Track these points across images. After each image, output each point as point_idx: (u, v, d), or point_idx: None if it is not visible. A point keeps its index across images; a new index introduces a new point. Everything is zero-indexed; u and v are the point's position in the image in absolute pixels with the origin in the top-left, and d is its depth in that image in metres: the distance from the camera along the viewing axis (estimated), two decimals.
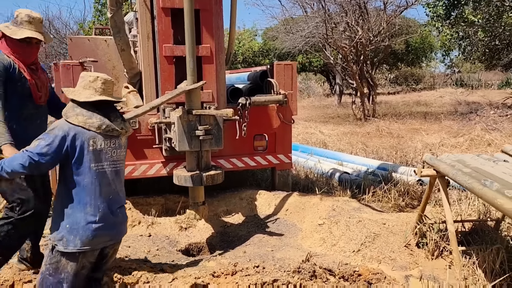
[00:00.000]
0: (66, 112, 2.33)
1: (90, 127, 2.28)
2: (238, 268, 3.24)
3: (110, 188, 2.38)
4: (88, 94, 2.34)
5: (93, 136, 2.29)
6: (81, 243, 2.27)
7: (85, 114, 2.29)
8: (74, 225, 2.27)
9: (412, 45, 24.15)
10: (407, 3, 13.47)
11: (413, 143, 9.17)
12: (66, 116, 2.31)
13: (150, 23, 4.31)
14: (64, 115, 2.32)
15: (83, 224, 2.27)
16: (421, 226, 3.78)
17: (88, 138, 2.27)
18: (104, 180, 2.34)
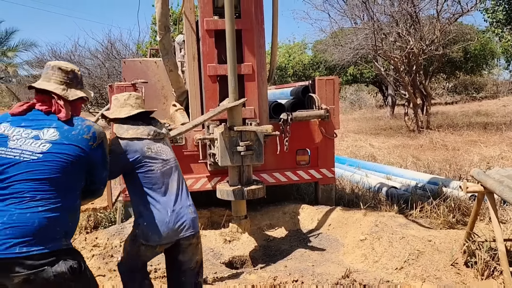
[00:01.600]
0: (117, 131, 2.58)
1: (142, 136, 2.53)
2: (277, 282, 3.30)
3: (173, 185, 2.58)
4: (127, 110, 2.62)
5: (147, 143, 2.53)
6: (158, 238, 2.46)
7: (133, 127, 2.56)
8: (151, 222, 2.47)
9: (471, 52, 23.00)
10: (462, 10, 12.91)
11: (470, 156, 8.74)
12: (119, 133, 2.56)
13: (196, 45, 4.54)
14: (117, 133, 2.57)
15: (158, 220, 2.46)
16: (469, 244, 3.63)
17: (143, 145, 2.51)
18: (166, 178, 2.55)
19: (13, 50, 26.77)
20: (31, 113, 2.01)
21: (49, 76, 2.09)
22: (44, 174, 1.88)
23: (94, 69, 19.48)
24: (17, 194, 1.85)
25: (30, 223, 1.83)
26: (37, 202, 1.87)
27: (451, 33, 14.70)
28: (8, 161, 1.87)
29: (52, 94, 2.05)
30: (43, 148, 1.91)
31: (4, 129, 1.94)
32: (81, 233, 4.69)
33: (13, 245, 1.79)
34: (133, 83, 4.56)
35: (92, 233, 4.73)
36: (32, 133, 1.94)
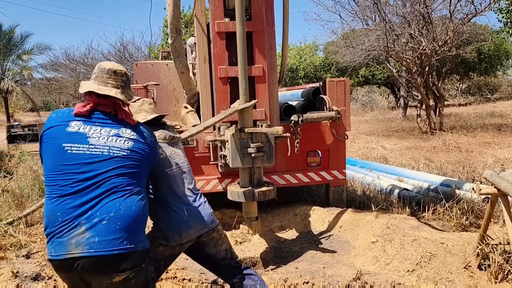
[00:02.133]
0: None
1: (159, 140, 2.58)
2: (288, 283, 3.30)
3: (187, 186, 2.65)
4: (143, 116, 2.68)
5: (160, 147, 2.58)
6: (179, 237, 2.52)
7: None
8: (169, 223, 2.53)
9: (485, 53, 22.68)
10: (475, 10, 12.74)
11: (483, 158, 8.62)
12: None
13: (207, 47, 4.57)
14: None
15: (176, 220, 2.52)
16: (483, 247, 3.58)
17: (164, 149, 2.59)
18: (180, 181, 2.62)
19: (28, 54, 27.24)
20: (98, 114, 2.06)
21: (105, 80, 2.14)
22: (134, 168, 2.00)
23: None
24: (117, 188, 1.92)
25: (136, 216, 1.92)
26: (136, 196, 1.97)
27: (465, 34, 14.53)
28: (96, 156, 1.92)
29: (115, 99, 2.12)
30: (128, 145, 2.01)
31: (79, 127, 1.98)
32: None
33: (123, 240, 1.85)
34: (145, 85, 4.61)
35: None
36: (111, 131, 2.02)
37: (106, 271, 1.83)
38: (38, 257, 3.88)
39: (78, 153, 1.91)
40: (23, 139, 13.05)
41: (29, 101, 29.91)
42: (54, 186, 1.89)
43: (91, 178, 1.88)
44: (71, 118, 2.00)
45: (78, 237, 1.80)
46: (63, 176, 1.88)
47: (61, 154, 1.90)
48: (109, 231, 1.82)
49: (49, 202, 1.89)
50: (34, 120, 25.73)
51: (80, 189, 1.86)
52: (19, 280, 3.29)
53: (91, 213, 1.83)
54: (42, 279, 3.38)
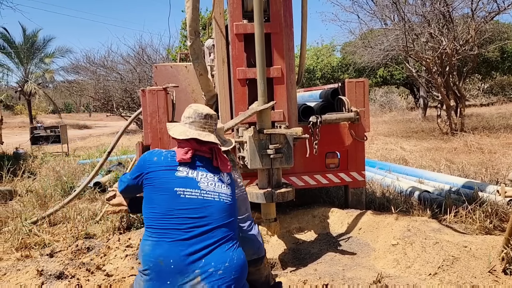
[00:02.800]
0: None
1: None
2: (307, 285, 3.29)
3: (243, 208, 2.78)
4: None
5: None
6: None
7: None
8: None
9: (509, 51, 22.15)
10: (498, 8, 12.46)
11: (507, 159, 8.42)
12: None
13: (225, 49, 4.59)
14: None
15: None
16: (508, 250, 3.49)
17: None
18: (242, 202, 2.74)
19: (50, 57, 27.89)
20: (198, 159, 2.14)
21: (203, 125, 2.22)
22: (235, 216, 2.11)
23: (125, 74, 20.01)
24: (228, 237, 1.97)
25: (245, 265, 1.98)
26: (238, 248, 2.02)
27: (487, 32, 14.24)
28: (208, 202, 2.00)
29: (213, 145, 2.22)
30: (229, 191, 2.12)
31: (188, 172, 2.06)
32: (114, 234, 4.82)
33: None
34: (164, 87, 4.66)
35: (125, 233, 4.85)
36: (215, 177, 2.11)
37: None
38: (61, 256, 3.97)
39: (192, 197, 1.95)
40: (46, 141, 13.36)
41: (51, 103, 30.62)
42: (164, 229, 1.90)
43: (205, 225, 1.92)
44: (176, 163, 2.08)
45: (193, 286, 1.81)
46: (177, 220, 1.90)
47: (175, 198, 1.94)
48: (225, 281, 1.84)
49: (155, 243, 1.88)
50: (56, 122, 26.30)
51: (195, 235, 1.88)
52: (43, 278, 3.36)
53: (206, 263, 1.84)
54: (66, 277, 3.45)
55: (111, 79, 20.58)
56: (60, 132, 13.46)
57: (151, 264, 1.84)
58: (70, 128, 20.31)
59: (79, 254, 4.11)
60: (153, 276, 1.82)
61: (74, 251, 4.11)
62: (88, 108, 41.43)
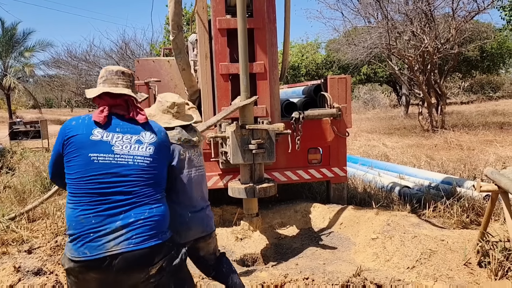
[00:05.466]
0: None
1: (172, 141, 2.57)
2: (288, 279, 3.32)
3: (199, 189, 2.71)
4: (167, 119, 2.69)
5: (181, 148, 2.62)
6: (179, 238, 2.54)
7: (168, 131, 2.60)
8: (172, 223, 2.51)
9: (488, 51, 22.64)
10: (478, 8, 12.70)
11: (485, 156, 8.60)
12: None
13: (208, 44, 4.58)
14: None
15: (180, 222, 2.57)
16: (483, 244, 3.59)
17: (178, 150, 2.60)
18: (195, 183, 2.66)
19: (30, 51, 27.25)
20: (115, 119, 2.10)
21: (115, 81, 2.17)
22: (157, 175, 2.09)
23: None
24: (145, 197, 2.01)
25: (164, 216, 2.06)
26: (162, 201, 2.10)
27: (467, 32, 14.50)
28: (121, 166, 1.99)
29: (126, 98, 2.16)
30: (149, 151, 2.08)
31: (102, 135, 2.02)
32: None
33: (155, 236, 1.98)
34: (146, 81, 4.62)
35: None
36: (133, 137, 2.07)
37: (142, 266, 1.94)
38: (40, 252, 3.91)
39: (105, 162, 1.96)
40: (25, 136, 13.09)
41: (31, 98, 29.96)
42: (82, 193, 1.94)
43: (120, 189, 1.96)
44: (93, 126, 2.03)
45: (115, 235, 1.88)
46: (91, 184, 1.94)
47: (89, 164, 1.95)
48: (144, 230, 1.94)
49: (76, 207, 1.94)
50: (36, 117, 25.76)
51: (112, 201, 1.94)
52: (20, 275, 3.31)
53: (125, 216, 1.93)
54: (44, 273, 3.40)
55: (94, 74, 20.28)
56: (40, 128, 13.20)
57: (74, 223, 1.92)
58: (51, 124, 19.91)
59: (59, 250, 4.05)
60: (77, 235, 1.90)
61: (53, 247, 4.05)
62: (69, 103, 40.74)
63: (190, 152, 2.67)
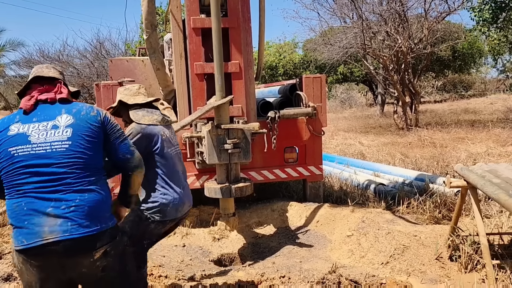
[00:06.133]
0: (134, 117, 2.78)
1: (157, 122, 2.76)
2: (265, 278, 3.33)
3: (181, 164, 2.89)
4: (142, 98, 2.85)
5: (161, 128, 2.76)
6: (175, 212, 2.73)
7: (147, 114, 2.78)
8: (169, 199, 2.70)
9: (459, 51, 23.21)
10: (449, 8, 13.04)
11: (457, 153, 8.84)
12: (136, 119, 2.76)
13: (183, 43, 4.55)
14: (134, 119, 2.77)
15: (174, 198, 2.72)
16: (454, 238, 3.69)
17: (159, 130, 2.74)
18: (177, 160, 2.82)
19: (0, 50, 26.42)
20: (40, 108, 2.08)
21: (44, 70, 2.19)
22: (82, 158, 2.00)
23: (83, 68, 19.32)
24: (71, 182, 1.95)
25: (99, 199, 2.00)
26: (93, 183, 2.01)
27: (439, 32, 14.83)
28: (41, 155, 1.94)
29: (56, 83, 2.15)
30: (67, 134, 2.00)
31: (18, 129, 2.00)
32: None
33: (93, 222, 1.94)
34: (120, 81, 4.56)
35: None
36: (49, 124, 2.02)
37: (85, 251, 1.92)
38: (10, 258, 3.80)
39: (24, 153, 1.94)
40: None
41: (1, 99, 29.06)
42: (12, 185, 1.94)
43: (44, 175, 1.93)
44: (11, 122, 2.03)
45: (49, 224, 1.86)
46: (17, 176, 1.93)
47: (11, 158, 1.95)
48: (78, 216, 1.91)
49: (10, 198, 1.95)
50: None
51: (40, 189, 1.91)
52: None
53: (56, 204, 1.90)
54: (14, 279, 3.31)
55: (67, 74, 19.78)
56: None
57: (10, 213, 1.93)
58: None
59: None
60: (15, 224, 1.92)
61: None
62: None
63: (169, 132, 2.83)
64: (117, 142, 2.18)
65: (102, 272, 1.98)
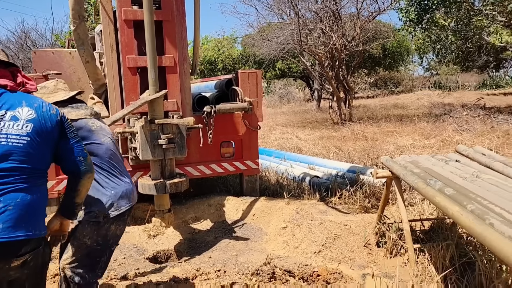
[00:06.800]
0: None
1: (86, 116, 2.61)
2: (199, 273, 3.33)
3: (118, 154, 2.75)
4: (63, 94, 2.69)
5: (91, 120, 2.62)
6: (128, 200, 2.58)
7: (73, 109, 2.61)
8: (118, 190, 2.55)
9: (389, 49, 24.60)
10: (379, 8, 13.76)
11: (386, 145, 9.36)
12: None
13: (114, 35, 4.37)
14: None
15: (124, 186, 2.58)
16: (380, 226, 3.92)
17: (87, 122, 2.59)
18: (115, 150, 2.69)
19: None
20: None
21: None
22: (35, 158, 1.86)
23: None
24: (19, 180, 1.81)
25: (37, 204, 1.86)
26: (37, 185, 1.88)
27: (370, 31, 15.60)
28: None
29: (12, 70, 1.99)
30: (27, 129, 1.85)
31: None
32: None
33: (25, 226, 1.80)
34: (44, 74, 4.29)
35: None
36: (7, 114, 1.84)
37: (5, 257, 1.78)
38: None
39: None
40: None
41: None
42: None
43: None
44: None
45: None
46: None
47: None
48: (11, 219, 1.77)
49: None
50: None
51: None
52: None
53: None
54: None
55: None
56: None
57: None
58: None
59: None
60: None
61: None
62: None
63: (99, 122, 2.70)
64: (72, 142, 2.03)
65: (9, 285, 1.84)
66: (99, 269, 2.52)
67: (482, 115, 12.77)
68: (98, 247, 2.48)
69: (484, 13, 12.63)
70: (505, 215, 1.96)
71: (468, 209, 2.16)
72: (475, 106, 14.82)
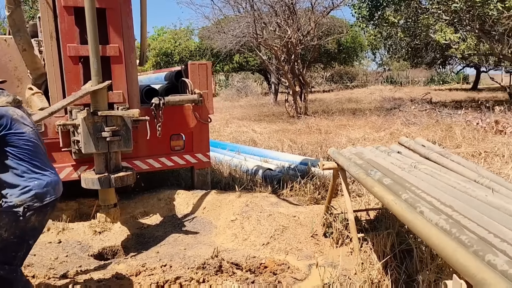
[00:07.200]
0: None
1: (7, 104, 2.49)
2: (144, 268, 3.25)
3: (43, 147, 2.65)
4: None
5: (11, 109, 2.49)
6: (53, 191, 2.50)
7: None
8: (42, 181, 2.46)
9: (344, 44, 25.17)
10: (333, 4, 14.04)
11: (339, 138, 9.58)
12: None
13: (53, 22, 4.14)
14: None
15: (48, 177, 2.50)
16: (327, 216, 4.00)
17: (7, 110, 2.45)
18: (38, 141, 2.58)
19: None
20: None
21: None
22: None
23: None
24: None
25: None
26: None
27: (325, 26, 15.86)
28: None
29: None
30: None
31: None
32: None
33: None
34: None
35: None
36: None
37: None
38: None
39: None
40: None
41: None
42: None
43: None
44: None
45: None
46: None
47: None
48: None
49: None
50: None
51: None
52: None
53: None
54: None
55: None
56: None
57: None
58: None
59: None
60: None
61: None
62: None
63: (21, 111, 2.58)
64: None
65: None
66: (16, 266, 2.45)
67: (428, 109, 13.34)
68: (15, 240, 2.38)
69: (430, 11, 13.16)
70: (435, 203, 2.05)
71: (403, 198, 2.23)
72: (422, 100, 15.49)
